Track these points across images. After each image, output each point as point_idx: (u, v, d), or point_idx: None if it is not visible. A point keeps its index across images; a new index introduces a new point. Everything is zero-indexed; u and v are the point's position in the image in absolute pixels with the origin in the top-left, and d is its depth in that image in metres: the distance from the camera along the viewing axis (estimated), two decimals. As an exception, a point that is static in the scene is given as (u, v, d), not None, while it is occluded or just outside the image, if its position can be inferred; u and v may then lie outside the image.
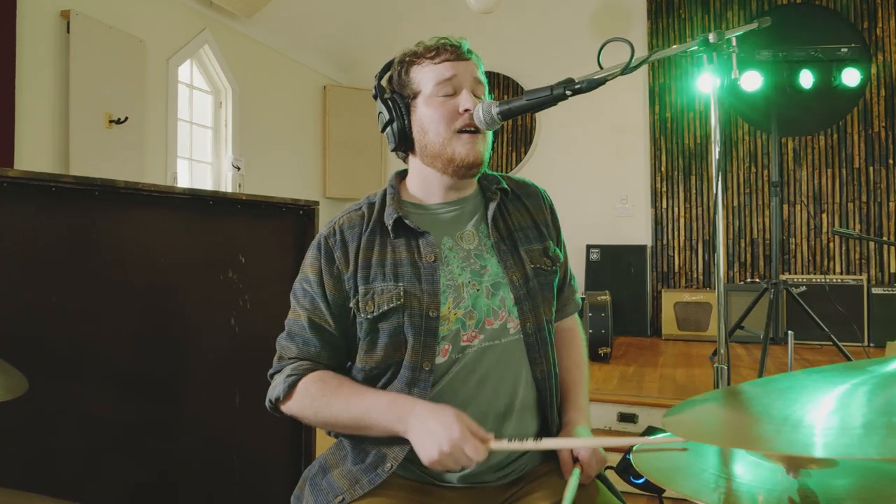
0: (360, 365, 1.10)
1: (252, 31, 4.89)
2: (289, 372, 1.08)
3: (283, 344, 1.14)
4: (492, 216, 1.16)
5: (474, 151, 1.10)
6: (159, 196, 1.56)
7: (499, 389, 1.08)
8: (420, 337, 1.05)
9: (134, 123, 3.77)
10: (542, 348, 1.12)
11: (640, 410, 2.86)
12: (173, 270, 1.61)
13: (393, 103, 1.15)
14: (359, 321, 1.08)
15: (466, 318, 1.08)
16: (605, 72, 0.96)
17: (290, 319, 1.14)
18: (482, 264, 1.13)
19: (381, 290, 1.07)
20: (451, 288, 1.09)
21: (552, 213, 1.27)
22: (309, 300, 1.11)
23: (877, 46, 4.73)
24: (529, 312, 1.12)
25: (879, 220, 4.72)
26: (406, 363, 1.06)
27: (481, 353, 1.08)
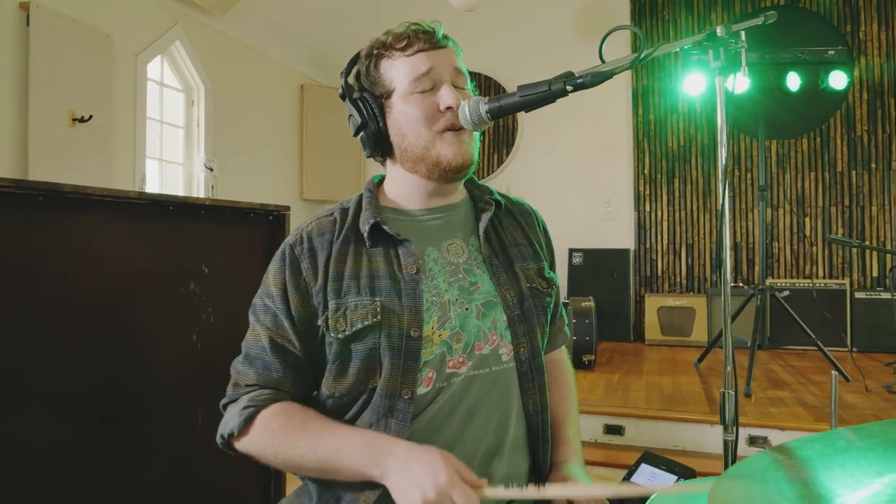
0: (327, 391, 0.96)
1: (226, 28, 4.73)
2: (246, 402, 0.94)
3: (240, 369, 1.00)
4: (484, 228, 1.04)
5: (462, 152, 0.98)
6: (113, 202, 1.42)
7: (488, 425, 0.96)
8: (399, 360, 0.92)
9: (99, 122, 3.59)
10: (536, 378, 1.01)
11: (626, 422, 2.77)
12: (129, 282, 1.47)
13: (364, 104, 1.02)
14: (328, 341, 0.95)
15: (453, 341, 0.95)
16: (610, 65, 0.85)
17: (249, 340, 1.00)
18: (472, 281, 1.00)
19: (355, 306, 0.93)
20: (436, 305, 0.96)
21: (546, 234, 1.16)
22: (271, 317, 0.97)
23: (859, 50, 4.71)
24: (524, 336, 0.99)
25: (862, 223, 4.70)
26: (381, 390, 0.92)
27: (469, 382, 0.95)
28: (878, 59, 4.68)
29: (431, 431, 0.92)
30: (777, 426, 2.57)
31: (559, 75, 0.87)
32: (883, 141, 4.67)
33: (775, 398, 3.01)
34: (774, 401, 2.96)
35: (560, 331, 1.17)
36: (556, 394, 1.09)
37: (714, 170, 5.05)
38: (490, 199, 1.08)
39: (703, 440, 2.64)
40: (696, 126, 5.08)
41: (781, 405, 2.86)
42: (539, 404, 1.01)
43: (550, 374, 1.09)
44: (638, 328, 5.04)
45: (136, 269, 1.48)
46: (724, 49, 1.04)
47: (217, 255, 1.64)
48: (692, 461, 2.52)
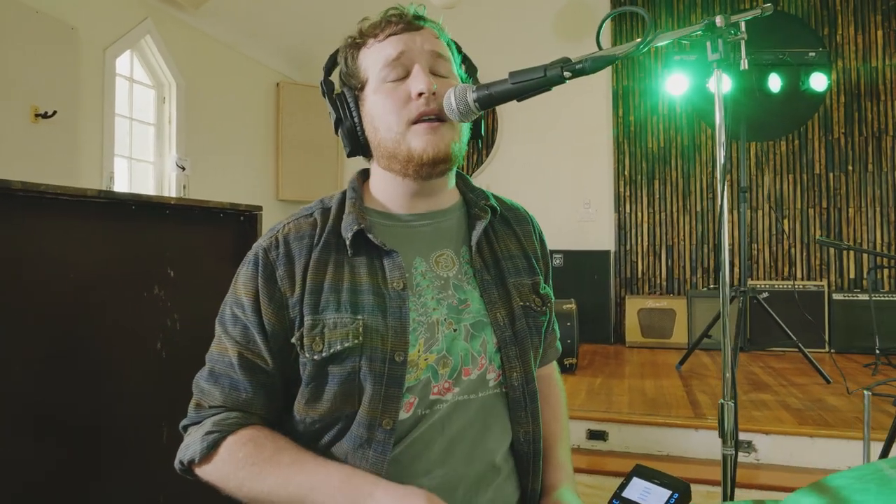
0: (299, 416, 0.86)
1: (199, 23, 4.59)
2: (210, 427, 0.84)
3: (204, 387, 0.89)
4: (477, 238, 0.94)
5: (433, 143, 0.86)
6: (68, 200, 1.32)
7: (472, 455, 0.87)
8: (381, 387, 0.82)
9: (64, 118, 3.45)
10: (529, 405, 0.92)
11: (609, 427, 2.72)
12: (86, 287, 1.37)
13: (340, 99, 0.93)
14: (302, 361, 0.84)
15: (439, 366, 0.86)
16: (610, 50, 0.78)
17: (215, 354, 0.90)
18: (462, 298, 0.91)
19: (334, 324, 0.83)
20: (423, 325, 0.87)
21: (542, 244, 1.06)
22: (240, 330, 0.87)
23: (837, 53, 4.74)
24: (516, 360, 0.90)
25: (839, 226, 4.73)
26: (360, 419, 0.83)
27: (453, 409, 0.87)
28: (854, 63, 4.71)
29: (409, 459, 0.84)
30: (761, 430, 2.54)
31: (555, 61, 0.78)
32: (859, 143, 4.71)
33: (758, 401, 2.99)
34: (757, 403, 2.93)
35: (551, 345, 1.09)
36: (546, 412, 1.01)
37: (693, 171, 5.05)
38: (486, 205, 0.99)
39: (688, 445, 2.60)
40: (677, 127, 5.07)
41: (764, 408, 2.83)
42: (531, 433, 0.92)
43: (541, 391, 1.00)
44: (618, 330, 5.01)
45: (95, 273, 1.38)
46: (722, 40, 0.97)
47: (184, 258, 1.54)
48: (677, 467, 2.48)
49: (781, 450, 2.49)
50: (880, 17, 4.68)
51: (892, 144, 4.65)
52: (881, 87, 4.67)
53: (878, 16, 4.69)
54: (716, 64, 1.00)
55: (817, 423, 2.55)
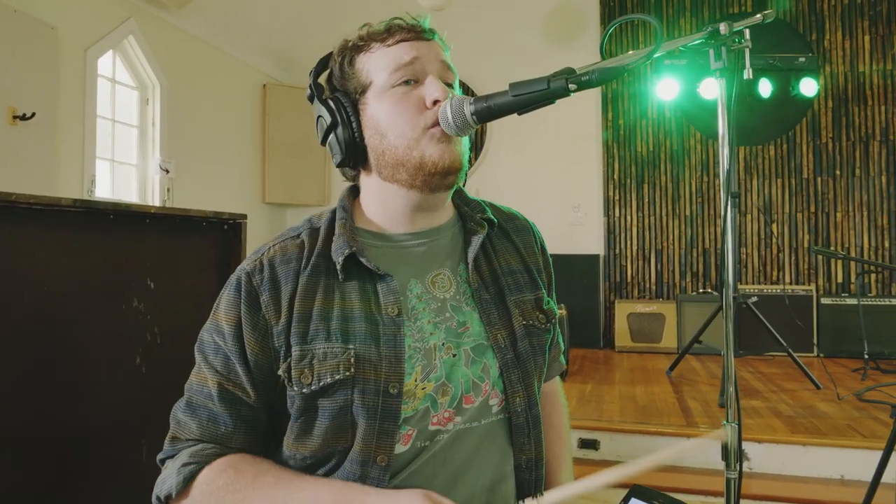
0: (289, 452, 0.81)
1: (183, 23, 4.51)
2: (186, 458, 0.79)
3: (181, 419, 0.83)
4: (474, 254, 0.89)
5: (450, 151, 0.82)
6: (42, 210, 1.26)
7: (475, 486, 0.82)
8: (375, 421, 0.77)
9: (44, 119, 3.36)
10: (532, 431, 0.87)
11: (601, 436, 2.68)
12: (62, 300, 1.31)
13: (335, 103, 0.86)
14: (290, 394, 0.79)
15: (438, 394, 0.81)
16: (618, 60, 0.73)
17: (194, 384, 0.84)
18: (461, 320, 0.85)
19: (324, 355, 0.78)
20: (420, 352, 0.81)
21: (544, 254, 1.01)
22: (221, 360, 0.81)
23: (824, 58, 4.75)
24: (519, 384, 0.86)
25: (827, 230, 4.74)
26: (353, 455, 0.78)
27: (455, 439, 0.82)
28: (842, 68, 4.73)
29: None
30: (754, 438, 2.52)
31: (559, 72, 0.73)
32: (847, 148, 4.72)
33: (749, 408, 2.97)
34: (748, 411, 2.91)
35: (555, 360, 1.04)
36: (549, 432, 0.96)
37: (683, 175, 5.04)
38: (482, 218, 0.94)
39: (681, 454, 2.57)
40: (666, 131, 5.06)
41: (756, 416, 2.82)
42: (534, 460, 0.88)
43: (544, 408, 0.96)
44: (608, 335, 4.99)
45: (70, 285, 1.32)
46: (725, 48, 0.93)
47: (165, 269, 1.49)
48: (671, 477, 2.46)
49: (774, 459, 2.47)
50: (867, 22, 4.70)
51: (879, 149, 4.67)
52: (868, 93, 4.69)
53: (866, 21, 4.71)
54: (718, 73, 0.96)
55: (809, 431, 2.54)
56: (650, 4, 5.11)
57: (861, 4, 4.72)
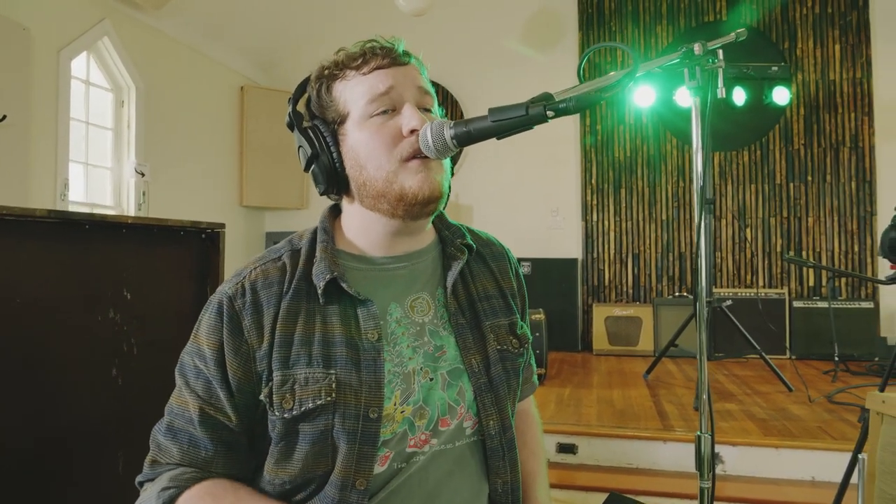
0: (268, 476, 0.82)
1: (160, 24, 4.46)
2: (165, 483, 0.79)
3: (161, 442, 0.83)
4: (453, 280, 0.90)
5: (430, 181, 0.83)
6: (15, 220, 1.24)
7: None
8: (355, 446, 0.78)
9: (16, 122, 3.30)
10: (507, 455, 0.89)
11: (579, 440, 2.71)
12: (35, 312, 1.29)
13: (315, 133, 0.86)
14: (271, 419, 0.80)
15: (416, 418, 0.83)
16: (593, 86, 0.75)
17: (174, 407, 0.84)
18: (438, 344, 0.87)
19: (306, 380, 0.79)
20: (399, 377, 0.83)
21: (518, 278, 1.03)
22: (202, 384, 0.81)
23: (797, 66, 4.85)
24: (492, 407, 0.87)
25: (799, 235, 4.84)
26: (333, 480, 0.79)
27: (431, 461, 0.83)
28: (813, 76, 4.83)
29: None
30: (728, 441, 2.56)
31: (537, 98, 0.74)
32: (818, 154, 4.83)
33: (723, 411, 3.02)
34: (723, 414, 2.96)
35: (529, 380, 1.06)
36: (523, 450, 0.98)
37: (659, 180, 5.11)
38: (462, 244, 0.95)
39: (656, 457, 2.61)
40: (643, 137, 5.13)
41: (730, 418, 2.86)
42: (509, 483, 0.89)
43: (518, 427, 0.97)
44: (586, 338, 5.03)
45: (44, 296, 1.30)
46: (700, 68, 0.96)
47: (141, 279, 1.47)
48: (647, 480, 2.49)
49: (748, 461, 2.52)
50: (838, 31, 4.81)
51: (849, 156, 4.78)
52: (838, 100, 4.80)
53: (836, 30, 4.82)
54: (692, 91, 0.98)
55: (782, 434, 2.59)
56: (627, 12, 5.17)
57: (832, 14, 4.83)
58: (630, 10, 5.17)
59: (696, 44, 0.95)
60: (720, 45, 0.98)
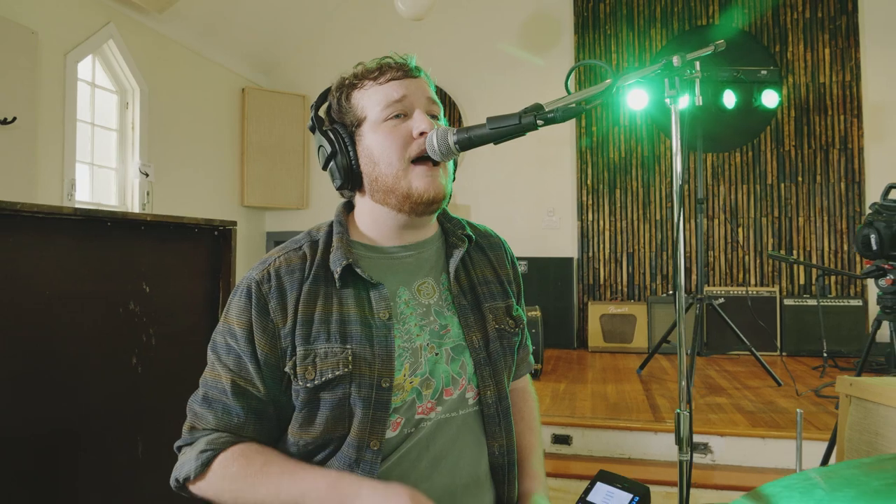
0: (293, 439, 0.92)
1: (163, 28, 4.55)
2: (203, 446, 0.89)
3: (198, 411, 0.93)
4: (455, 266, 1.01)
5: (435, 185, 0.94)
6: (44, 218, 1.33)
7: (455, 469, 0.94)
8: (369, 411, 0.88)
9: (24, 124, 3.38)
10: (503, 421, 0.99)
11: (573, 431, 2.80)
12: (62, 304, 1.37)
13: (335, 134, 0.98)
14: (295, 388, 0.90)
15: (423, 388, 0.93)
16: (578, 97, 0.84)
17: (209, 380, 0.94)
18: (442, 323, 0.98)
19: (325, 354, 0.89)
20: (408, 352, 0.93)
21: (514, 267, 1.13)
22: (233, 359, 0.91)
23: (787, 69, 4.96)
24: (490, 380, 0.98)
25: (790, 234, 4.95)
26: (350, 441, 0.89)
27: (437, 427, 0.93)
28: (804, 79, 4.94)
29: (397, 476, 0.90)
30: (717, 432, 2.66)
31: (528, 108, 0.85)
32: (808, 156, 4.93)
33: (714, 404, 3.11)
34: (713, 406, 3.06)
35: (524, 360, 1.16)
36: (520, 424, 1.08)
37: (653, 181, 5.21)
38: (463, 234, 1.06)
39: (648, 448, 2.70)
40: (637, 138, 5.23)
41: (720, 411, 2.96)
42: (505, 447, 0.99)
43: (515, 403, 1.08)
44: (581, 335, 5.13)
45: (69, 289, 1.39)
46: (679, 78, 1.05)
47: (159, 273, 1.56)
48: (638, 469, 2.58)
49: (736, 451, 2.62)
50: (828, 35, 4.92)
51: (839, 157, 4.89)
52: (828, 103, 4.91)
53: (826, 34, 4.92)
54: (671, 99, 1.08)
55: (769, 425, 2.68)
56: (622, 16, 5.27)
57: (822, 18, 4.94)
58: (625, 13, 5.27)
59: (675, 56, 1.04)
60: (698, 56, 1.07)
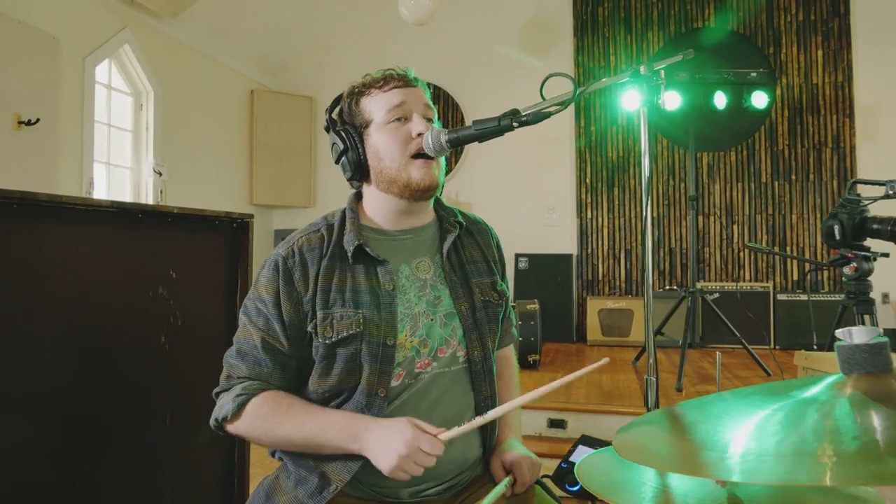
0: (312, 387, 1.10)
1: (176, 32, 4.72)
2: (239, 391, 1.06)
3: (233, 363, 1.11)
4: (447, 248, 1.19)
5: (430, 175, 1.12)
6: (84, 210, 1.49)
7: (447, 414, 1.11)
8: (377, 364, 1.07)
9: (46, 125, 3.55)
10: (487, 377, 1.17)
11: (568, 416, 2.95)
12: (100, 288, 1.53)
13: (346, 134, 1.15)
14: (315, 345, 1.08)
15: (421, 347, 1.11)
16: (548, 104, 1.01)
17: (241, 338, 1.12)
18: (436, 295, 1.16)
19: (341, 316, 1.08)
20: (409, 317, 1.11)
21: (499, 250, 1.31)
22: (263, 320, 1.09)
23: (781, 70, 5.09)
24: (476, 342, 1.16)
25: (784, 231, 5.08)
26: (361, 388, 1.07)
27: (433, 379, 1.11)
28: (797, 80, 5.07)
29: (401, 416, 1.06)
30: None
31: (507, 113, 1.03)
32: (802, 155, 5.07)
33: (703, 392, 3.26)
34: (702, 394, 3.20)
35: (507, 332, 1.34)
36: (501, 384, 1.26)
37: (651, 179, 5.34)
38: (454, 220, 1.24)
39: (638, 432, 2.85)
40: (634, 137, 5.37)
41: (709, 398, 3.10)
42: (489, 398, 1.17)
43: (498, 367, 1.25)
44: (580, 329, 5.27)
45: (106, 275, 1.54)
46: (647, 85, 1.20)
47: (184, 261, 1.72)
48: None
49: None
50: (820, 37, 5.05)
51: (831, 156, 5.02)
52: (821, 103, 5.04)
53: (819, 36, 5.05)
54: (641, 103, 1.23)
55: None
56: (620, 18, 5.41)
57: (815, 21, 5.07)
58: (623, 16, 5.41)
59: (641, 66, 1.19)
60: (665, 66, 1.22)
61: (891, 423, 0.57)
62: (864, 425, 0.58)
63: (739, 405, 0.72)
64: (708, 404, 0.78)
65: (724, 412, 0.73)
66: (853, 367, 0.67)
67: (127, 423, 1.60)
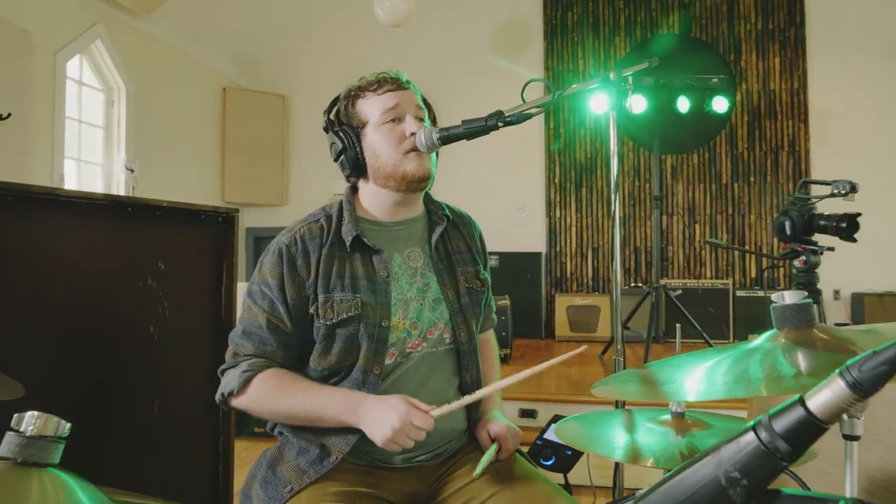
0: (313, 366, 1.18)
1: (150, 28, 4.71)
2: (245, 367, 1.14)
3: (238, 342, 1.19)
4: (435, 240, 1.29)
5: (423, 167, 1.22)
6: (77, 202, 1.53)
7: (435, 391, 1.21)
8: (373, 344, 1.16)
9: (17, 120, 3.53)
10: (472, 357, 1.27)
11: (539, 406, 3.07)
12: (92, 278, 1.58)
13: (344, 134, 1.24)
14: (316, 325, 1.16)
15: (412, 329, 1.21)
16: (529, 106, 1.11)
17: (246, 319, 1.20)
18: (425, 282, 1.26)
19: (341, 300, 1.16)
20: (401, 302, 1.21)
21: (481, 241, 1.42)
22: (268, 302, 1.17)
23: (741, 76, 5.32)
24: (463, 325, 1.26)
25: (743, 230, 5.30)
26: (358, 366, 1.16)
27: (422, 358, 1.21)
28: (756, 86, 5.30)
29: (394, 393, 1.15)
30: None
31: (492, 113, 1.13)
32: (760, 158, 5.30)
33: (667, 383, 3.41)
34: (666, 385, 3.35)
35: (488, 317, 1.44)
36: (484, 365, 1.36)
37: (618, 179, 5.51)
38: (442, 214, 1.34)
39: (606, 420, 2.98)
40: (602, 139, 5.54)
41: (672, 389, 3.25)
42: (474, 376, 1.28)
43: (482, 349, 1.35)
44: (549, 325, 5.42)
45: (98, 265, 1.59)
46: (616, 90, 1.31)
47: (172, 253, 1.77)
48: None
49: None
50: (778, 45, 5.29)
51: (787, 159, 5.26)
52: (778, 108, 5.28)
53: (776, 45, 5.29)
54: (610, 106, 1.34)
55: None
56: (588, 24, 5.57)
57: (773, 30, 5.30)
58: (591, 21, 5.58)
59: (611, 72, 1.29)
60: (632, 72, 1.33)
61: (811, 360, 0.73)
62: (792, 362, 0.73)
63: (695, 359, 0.84)
64: (668, 362, 0.90)
65: (682, 364, 0.85)
66: (785, 323, 0.82)
67: (115, 408, 1.64)
